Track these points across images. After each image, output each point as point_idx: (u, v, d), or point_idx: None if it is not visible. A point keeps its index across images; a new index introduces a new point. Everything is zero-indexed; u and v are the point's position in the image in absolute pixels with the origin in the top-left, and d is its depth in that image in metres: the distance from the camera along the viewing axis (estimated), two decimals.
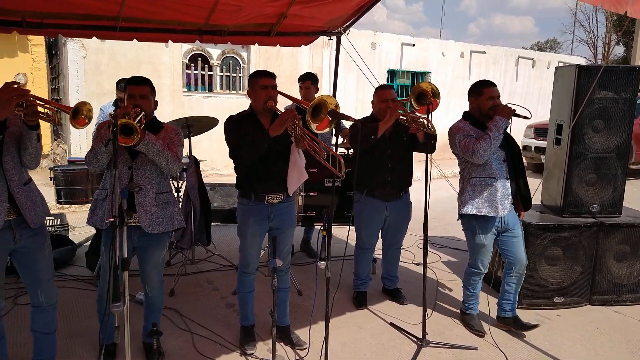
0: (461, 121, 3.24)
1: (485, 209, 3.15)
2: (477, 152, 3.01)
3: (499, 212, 3.13)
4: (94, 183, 4.10)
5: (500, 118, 3.01)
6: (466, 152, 3.08)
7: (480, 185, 3.17)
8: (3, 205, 2.23)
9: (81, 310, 3.56)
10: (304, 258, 4.83)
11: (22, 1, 3.03)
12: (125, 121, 2.21)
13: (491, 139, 2.99)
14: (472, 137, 3.09)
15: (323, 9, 3.90)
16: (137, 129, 2.25)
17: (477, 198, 3.17)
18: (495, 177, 3.14)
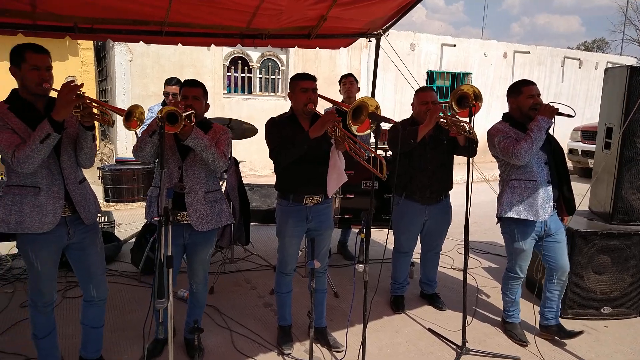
0: (501, 122, 3.17)
1: (524, 213, 3.06)
2: (518, 154, 2.93)
3: (539, 216, 3.03)
4: (140, 182, 4.26)
5: (543, 118, 2.91)
6: (506, 154, 3.00)
7: (520, 188, 3.08)
8: (60, 202, 2.34)
9: (125, 305, 3.69)
10: (340, 260, 4.83)
11: (74, 8, 3.18)
12: (171, 109, 2.28)
13: (532, 140, 2.90)
14: (511, 138, 3.01)
15: (363, 10, 3.88)
16: (181, 116, 2.31)
17: (516, 201, 3.09)
18: (536, 180, 3.04)
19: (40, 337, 2.52)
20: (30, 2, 3.02)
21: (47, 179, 2.31)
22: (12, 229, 2.26)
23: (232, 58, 9.68)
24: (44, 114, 2.29)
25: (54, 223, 2.32)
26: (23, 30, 3.23)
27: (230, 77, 9.78)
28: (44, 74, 2.25)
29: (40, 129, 2.15)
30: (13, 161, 2.15)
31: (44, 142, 2.14)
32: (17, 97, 2.30)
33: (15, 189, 2.29)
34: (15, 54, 2.24)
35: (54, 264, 2.44)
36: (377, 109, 2.56)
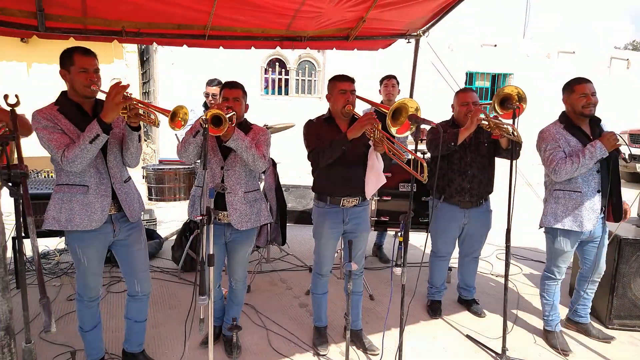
0: (555, 124, 3.07)
1: (568, 223, 3.00)
2: (559, 173, 2.92)
3: (583, 227, 2.96)
4: (181, 182, 4.38)
5: (601, 146, 2.83)
6: (548, 166, 2.96)
7: (564, 199, 3.02)
8: (107, 200, 2.43)
9: (166, 300, 3.80)
10: (376, 263, 4.80)
11: (123, 13, 3.31)
12: (215, 112, 2.34)
13: (579, 165, 2.86)
14: (560, 151, 2.95)
15: (403, 11, 3.85)
16: (225, 118, 2.37)
17: (560, 211, 3.04)
18: (581, 191, 2.97)
19: (86, 330, 2.62)
20: (82, 8, 3.16)
21: (95, 178, 2.40)
22: (63, 226, 2.36)
23: (270, 60, 9.80)
24: (91, 115, 2.39)
25: (101, 220, 2.41)
26: (74, 34, 3.38)
27: (267, 78, 9.91)
28: (92, 76, 2.34)
29: (90, 130, 2.24)
30: (63, 161, 2.24)
31: (93, 142, 2.23)
32: (66, 99, 2.40)
33: (65, 187, 2.39)
34: (64, 57, 2.34)
35: (100, 260, 2.54)
36: (417, 111, 2.54)
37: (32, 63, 8.83)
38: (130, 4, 3.16)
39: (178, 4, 3.24)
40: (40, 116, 2.27)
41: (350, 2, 3.52)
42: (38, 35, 3.24)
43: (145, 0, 3.12)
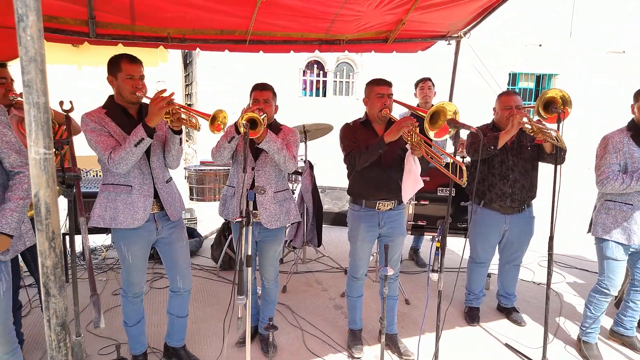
0: (622, 131, 2.94)
1: (616, 235, 2.91)
2: (605, 186, 2.87)
3: (632, 241, 2.86)
4: (221, 182, 4.50)
5: None
6: (597, 175, 2.90)
7: (615, 210, 2.93)
8: (149, 200, 2.54)
9: (206, 298, 3.91)
10: (412, 267, 4.76)
11: (168, 20, 3.44)
12: (252, 115, 2.41)
13: (629, 187, 2.79)
14: (615, 165, 2.87)
15: (444, 13, 3.81)
16: (261, 122, 2.44)
17: (610, 222, 2.95)
18: (633, 204, 2.86)
19: (130, 325, 2.73)
20: (130, 16, 3.30)
21: (139, 178, 2.51)
22: (107, 223, 2.48)
23: (308, 62, 9.88)
24: (137, 119, 2.51)
25: (143, 219, 2.51)
26: (123, 40, 3.54)
27: (305, 80, 9.99)
28: (137, 82, 2.45)
29: (135, 134, 2.34)
30: (109, 162, 2.36)
31: (138, 145, 2.34)
32: (113, 103, 2.51)
33: (110, 187, 2.50)
34: (112, 64, 2.45)
35: (143, 257, 2.64)
36: (455, 114, 2.51)
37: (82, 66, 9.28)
38: (176, 12, 3.27)
39: (221, 11, 3.33)
40: (89, 119, 2.39)
41: (390, 5, 3.51)
42: (89, 42, 3.41)
43: (189, 8, 3.23)
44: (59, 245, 0.81)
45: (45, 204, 0.79)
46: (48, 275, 0.81)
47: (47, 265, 0.81)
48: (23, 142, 2.28)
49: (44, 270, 0.81)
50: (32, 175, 0.79)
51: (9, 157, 1.98)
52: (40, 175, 0.78)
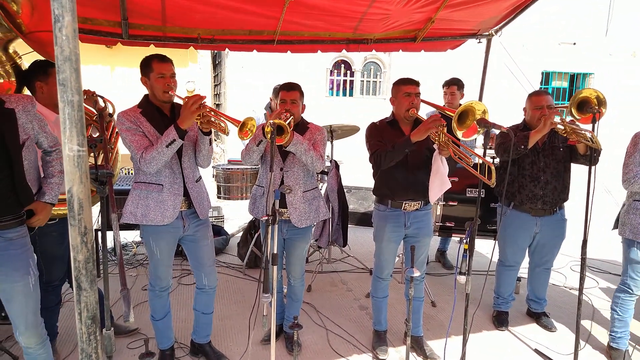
0: None
1: None
2: (632, 186, 2.80)
3: None
4: (248, 181, 4.55)
5: None
6: (624, 173, 2.82)
7: None
8: (179, 198, 2.59)
9: (232, 295, 3.96)
10: (438, 269, 4.69)
11: (198, 21, 3.50)
12: (280, 123, 2.43)
13: None
14: None
15: (474, 11, 3.73)
16: (287, 128, 2.47)
17: (637, 223, 2.83)
18: None
19: (157, 319, 2.79)
20: (162, 18, 3.37)
21: (169, 177, 2.56)
22: (139, 220, 2.55)
23: (335, 62, 9.88)
24: (170, 117, 2.56)
25: (173, 217, 2.56)
26: (154, 41, 3.61)
27: (332, 80, 9.99)
28: (169, 80, 2.50)
29: (167, 135, 2.40)
30: (141, 161, 2.42)
31: (169, 146, 2.39)
32: (147, 102, 2.58)
33: (142, 185, 2.57)
34: (144, 65, 2.52)
35: (170, 252, 2.70)
36: (484, 114, 2.46)
37: (115, 67, 9.52)
38: (206, 13, 3.32)
39: (250, 12, 3.36)
40: (125, 118, 2.46)
41: (419, 3, 3.47)
42: (122, 43, 3.50)
43: (219, 9, 3.27)
44: (90, 240, 0.84)
45: (79, 199, 0.81)
46: (80, 269, 0.83)
47: (79, 259, 0.83)
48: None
49: (75, 265, 0.84)
50: (65, 172, 0.81)
51: (47, 139, 2.30)
52: (74, 171, 0.81)
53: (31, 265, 2.15)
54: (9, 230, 2.07)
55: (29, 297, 2.15)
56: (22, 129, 2.12)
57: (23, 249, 2.14)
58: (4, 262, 2.06)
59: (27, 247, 2.17)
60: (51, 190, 2.30)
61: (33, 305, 2.18)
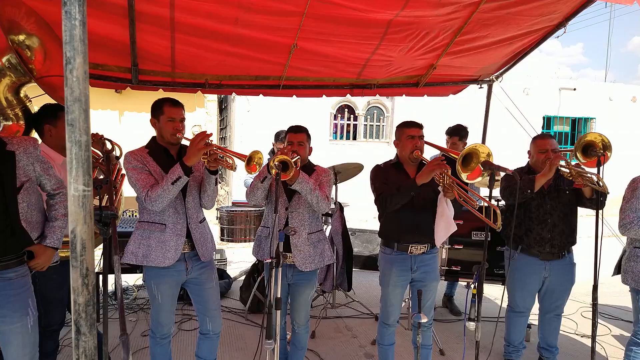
0: None
1: None
2: (628, 232, 2.81)
3: None
4: (252, 223, 4.52)
5: None
6: (620, 220, 2.85)
7: None
8: (181, 239, 2.56)
9: (234, 341, 3.84)
10: (446, 314, 4.57)
11: (206, 67, 3.61)
12: (282, 157, 2.44)
13: None
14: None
15: (475, 58, 3.84)
16: (291, 164, 2.47)
17: (638, 271, 2.78)
18: None
19: None
20: (171, 64, 3.47)
21: (173, 217, 2.55)
22: (139, 261, 2.51)
23: (339, 106, 10.06)
24: (176, 159, 2.57)
25: (174, 258, 2.53)
26: (163, 86, 3.71)
27: (336, 124, 10.14)
28: (177, 125, 2.54)
29: (172, 172, 2.41)
30: (146, 199, 2.42)
31: (175, 183, 2.39)
32: (155, 143, 2.62)
33: (145, 224, 2.55)
34: (155, 107, 2.57)
35: (173, 297, 2.64)
36: (489, 156, 2.47)
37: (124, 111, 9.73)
38: (214, 60, 3.43)
39: (257, 58, 3.47)
40: (132, 157, 2.48)
41: (421, 50, 3.58)
42: (132, 87, 3.59)
43: (227, 56, 3.38)
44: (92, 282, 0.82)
45: (82, 240, 0.80)
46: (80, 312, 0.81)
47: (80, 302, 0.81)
48: None
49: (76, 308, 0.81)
50: (70, 212, 0.81)
51: (50, 181, 2.29)
52: (78, 211, 0.80)
53: (30, 306, 2.11)
54: (7, 270, 2.05)
55: (27, 339, 2.09)
56: (23, 171, 2.13)
57: (22, 288, 2.10)
58: (2, 304, 2.02)
59: (27, 286, 2.13)
60: (53, 233, 2.28)
61: (30, 348, 2.12)
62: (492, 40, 3.60)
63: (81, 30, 0.81)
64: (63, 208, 2.32)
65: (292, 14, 2.98)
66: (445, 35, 3.48)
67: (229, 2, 2.78)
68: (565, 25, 3.56)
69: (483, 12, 3.20)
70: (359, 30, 3.24)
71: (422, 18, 3.20)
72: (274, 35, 3.22)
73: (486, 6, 3.11)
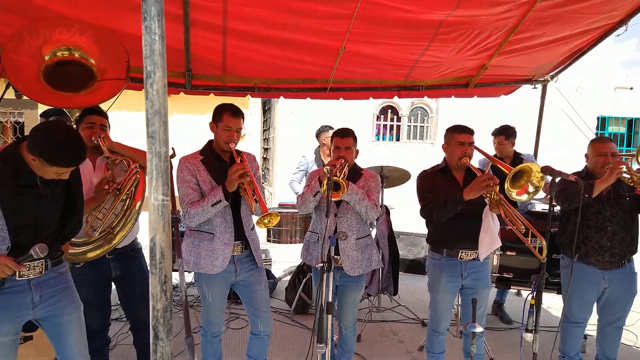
0: None
1: None
2: None
3: None
4: (298, 225, 4.56)
5: None
6: None
7: None
8: (229, 248, 2.61)
9: (280, 342, 3.88)
10: (496, 322, 4.43)
11: (256, 71, 3.67)
12: (337, 180, 2.50)
13: None
14: None
15: (530, 57, 3.71)
16: (343, 186, 2.52)
17: None
18: None
19: None
20: (222, 67, 3.55)
21: (221, 227, 2.61)
22: (191, 268, 2.64)
23: (382, 107, 9.98)
24: (228, 164, 2.63)
25: (222, 267, 2.60)
26: (214, 90, 3.80)
27: (379, 125, 10.07)
28: (232, 134, 2.61)
29: (214, 195, 2.48)
30: (185, 215, 2.52)
31: (214, 206, 2.47)
32: (209, 148, 2.69)
33: (195, 233, 2.64)
34: (216, 113, 2.65)
35: (223, 297, 2.72)
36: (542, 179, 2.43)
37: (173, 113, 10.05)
38: (263, 63, 3.48)
39: (305, 61, 3.49)
40: (185, 167, 2.57)
41: (472, 50, 3.49)
42: (185, 92, 3.69)
43: (275, 59, 3.42)
44: (169, 289, 0.84)
45: (161, 248, 0.83)
46: (158, 318, 0.84)
47: (158, 308, 0.84)
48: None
49: (154, 314, 0.84)
50: (150, 220, 0.84)
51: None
52: (158, 220, 0.83)
53: (78, 297, 2.25)
54: (60, 265, 2.17)
55: (82, 329, 2.22)
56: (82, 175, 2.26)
57: (71, 282, 2.24)
58: (63, 297, 2.14)
59: (72, 280, 2.26)
60: None
61: (84, 338, 2.24)
62: (547, 39, 3.46)
63: (160, 45, 0.84)
64: None
65: (341, 17, 2.98)
66: (499, 34, 3.38)
67: (281, 8, 2.82)
68: (627, 23, 3.39)
69: (539, 10, 3.09)
70: (409, 32, 3.19)
71: (474, 17, 3.12)
72: (323, 38, 3.23)
73: (542, 4, 3.00)
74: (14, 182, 1.94)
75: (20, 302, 2.02)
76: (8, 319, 2.00)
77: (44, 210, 2.03)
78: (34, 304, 2.05)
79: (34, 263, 2.01)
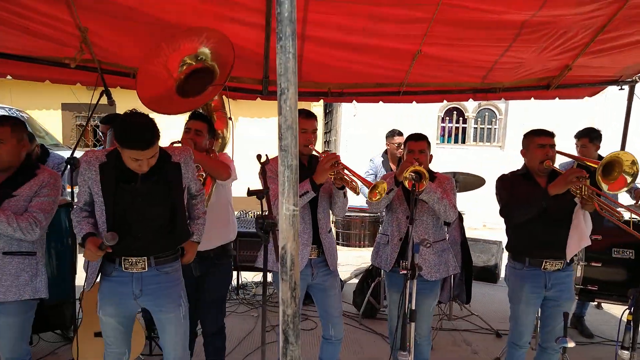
0: None
1: None
2: None
3: None
4: (366, 229, 4.55)
5: None
6: None
7: None
8: (307, 249, 2.66)
9: (349, 345, 3.90)
10: (575, 336, 4.19)
11: (330, 76, 3.71)
12: (419, 169, 2.47)
13: None
14: None
15: (617, 57, 3.49)
16: (426, 175, 2.47)
17: None
18: None
19: None
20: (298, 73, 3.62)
21: (300, 227, 2.65)
22: (271, 267, 2.64)
23: (447, 109, 9.76)
24: (307, 168, 2.68)
25: (300, 267, 2.63)
26: None
27: (444, 127, 9.85)
28: (309, 136, 2.65)
29: (302, 186, 2.51)
30: (272, 207, 2.54)
31: (302, 197, 2.51)
32: None
33: None
34: None
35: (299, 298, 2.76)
36: (633, 165, 2.27)
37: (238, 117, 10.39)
38: (338, 69, 3.51)
39: (379, 66, 3.49)
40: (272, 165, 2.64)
41: (556, 50, 3.35)
42: (261, 98, 3.81)
43: (351, 64, 3.44)
44: (299, 295, 0.88)
45: (291, 256, 0.87)
46: (288, 323, 0.88)
47: (288, 313, 0.88)
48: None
49: (284, 318, 0.89)
50: (281, 229, 0.88)
51: (196, 185, 2.44)
52: (289, 229, 0.87)
53: (182, 297, 2.34)
54: (165, 265, 2.28)
55: (179, 328, 2.32)
56: (185, 178, 2.35)
57: (176, 282, 2.34)
58: (160, 295, 2.26)
59: (180, 280, 2.37)
60: (198, 230, 2.48)
61: (182, 336, 2.34)
62: (637, 38, 3.24)
63: (293, 63, 0.88)
64: (203, 207, 2.52)
65: (420, 20, 2.95)
66: (585, 34, 3.21)
67: (360, 14, 2.83)
68: None
69: (631, 8, 2.90)
70: (489, 33, 3.11)
71: (560, 17, 2.98)
72: (399, 42, 3.22)
73: (635, 1, 2.82)
74: (115, 176, 2.13)
75: (123, 291, 2.22)
76: (112, 303, 2.23)
77: (138, 206, 2.16)
78: (135, 296, 2.22)
79: (136, 259, 2.17)
